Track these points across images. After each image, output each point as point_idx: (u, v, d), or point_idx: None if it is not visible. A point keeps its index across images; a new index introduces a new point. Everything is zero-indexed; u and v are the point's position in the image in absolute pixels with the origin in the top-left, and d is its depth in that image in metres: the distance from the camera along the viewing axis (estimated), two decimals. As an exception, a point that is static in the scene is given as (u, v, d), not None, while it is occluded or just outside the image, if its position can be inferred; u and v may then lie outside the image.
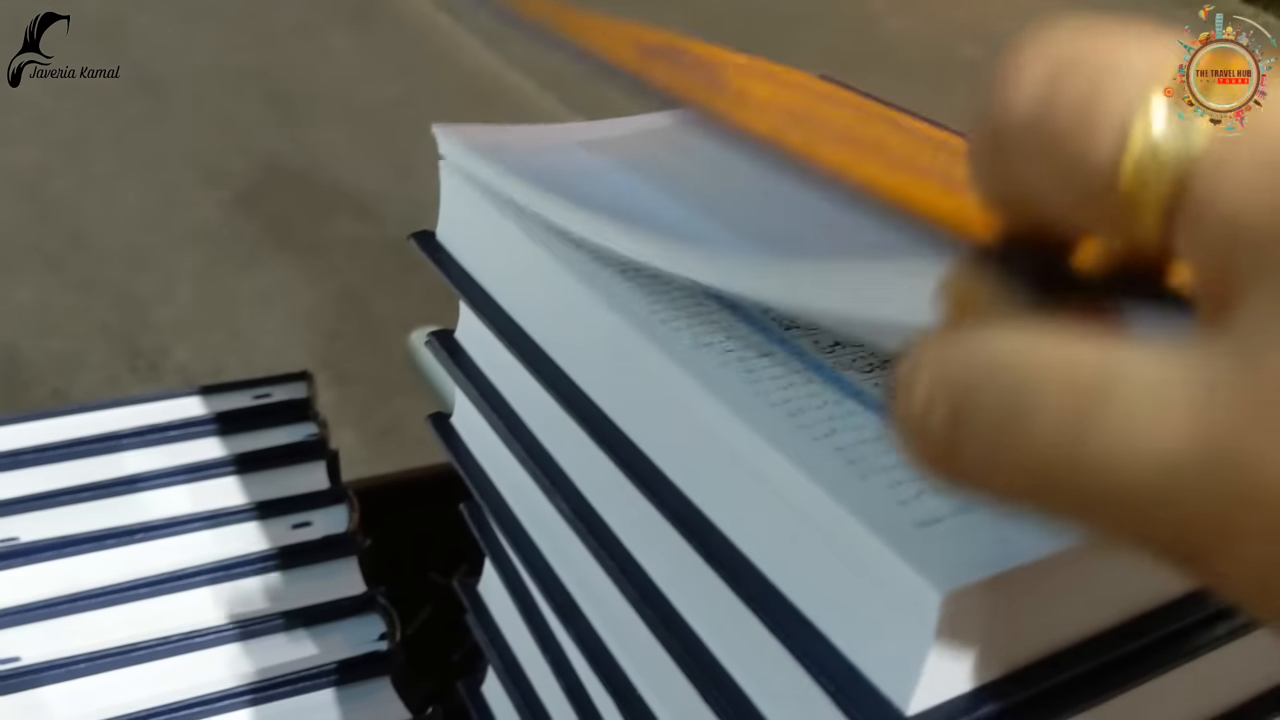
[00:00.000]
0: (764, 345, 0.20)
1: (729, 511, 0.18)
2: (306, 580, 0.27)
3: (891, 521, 0.15)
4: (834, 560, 0.16)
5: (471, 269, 0.24)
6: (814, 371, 0.19)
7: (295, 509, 0.28)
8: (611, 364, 0.21)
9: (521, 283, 0.23)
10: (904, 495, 0.16)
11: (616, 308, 0.21)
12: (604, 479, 0.20)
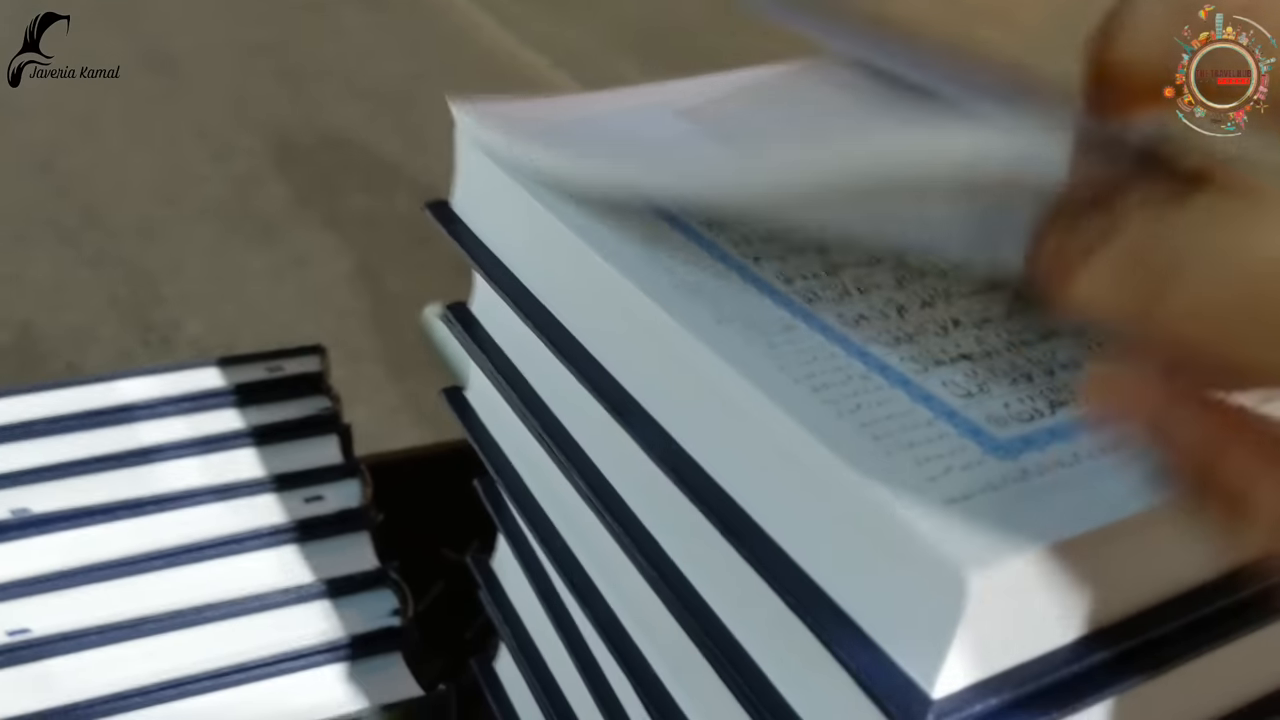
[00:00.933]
0: (787, 319, 0.19)
1: (751, 489, 0.17)
2: (319, 555, 0.27)
3: (918, 498, 0.15)
4: (859, 538, 0.16)
5: (486, 239, 0.24)
6: (839, 346, 0.18)
7: (308, 483, 0.28)
8: (629, 338, 0.20)
9: (536, 254, 0.23)
10: (932, 472, 0.15)
11: (634, 279, 0.20)
12: (622, 455, 0.20)
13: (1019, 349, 0.18)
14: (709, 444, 0.18)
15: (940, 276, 0.20)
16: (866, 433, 0.16)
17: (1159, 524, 0.15)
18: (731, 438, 0.18)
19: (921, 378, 0.18)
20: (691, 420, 0.19)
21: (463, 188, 0.25)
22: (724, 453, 0.18)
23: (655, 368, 0.20)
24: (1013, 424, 0.16)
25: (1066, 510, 0.15)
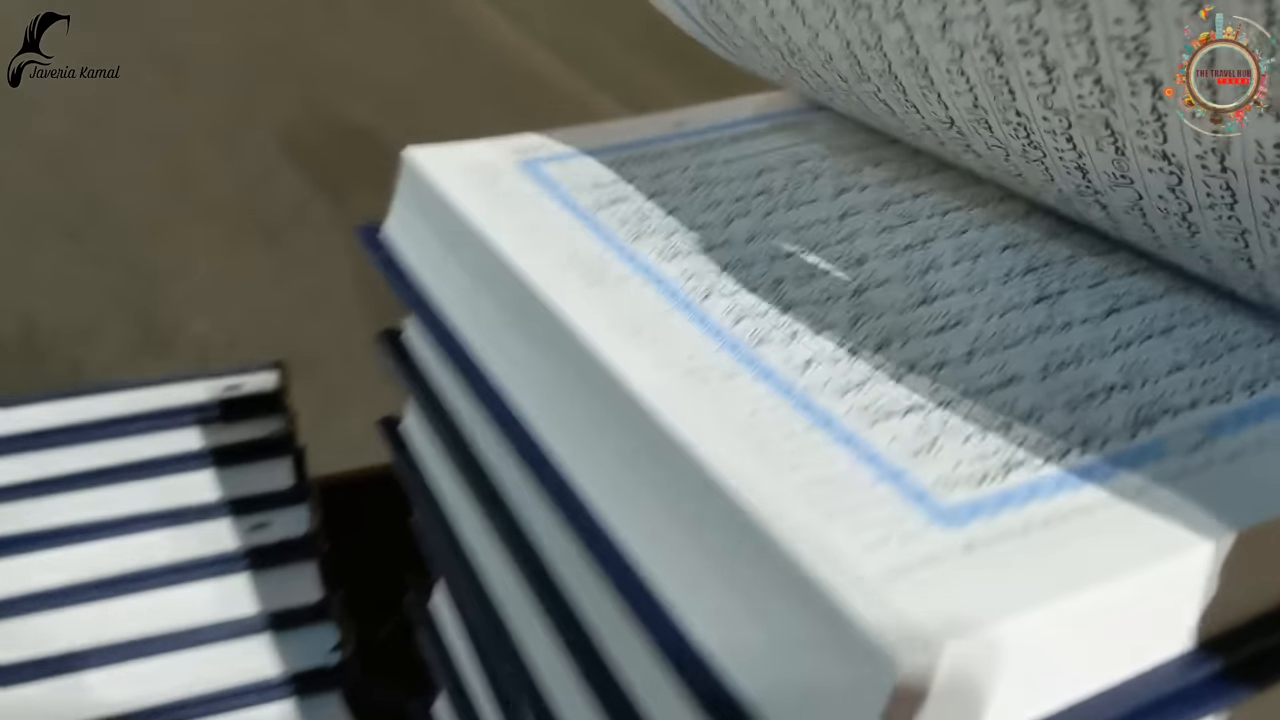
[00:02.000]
0: (730, 365, 0.18)
1: (671, 560, 0.16)
2: (261, 586, 0.26)
3: (850, 572, 0.14)
4: (785, 613, 0.14)
5: (415, 269, 0.23)
6: (783, 395, 0.17)
7: (255, 509, 0.27)
8: (557, 381, 0.19)
9: (468, 288, 0.22)
10: (869, 541, 0.14)
11: (570, 317, 0.19)
12: (545, 513, 0.19)
13: (974, 396, 0.17)
14: (627, 503, 0.17)
15: (898, 314, 0.19)
16: (803, 496, 0.15)
17: (1110, 608, 0.14)
18: (653, 497, 0.17)
19: (868, 432, 0.16)
20: (611, 473, 0.17)
21: (397, 216, 0.24)
22: (642, 516, 0.17)
23: (585, 417, 0.18)
24: (961, 487, 0.15)
25: (1008, 590, 0.14)
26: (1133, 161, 0.17)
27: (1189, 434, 0.16)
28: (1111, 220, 0.19)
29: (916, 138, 0.23)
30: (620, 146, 0.26)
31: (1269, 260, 0.16)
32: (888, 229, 0.22)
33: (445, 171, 0.24)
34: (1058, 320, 0.19)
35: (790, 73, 0.24)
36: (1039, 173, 0.19)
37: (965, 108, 0.19)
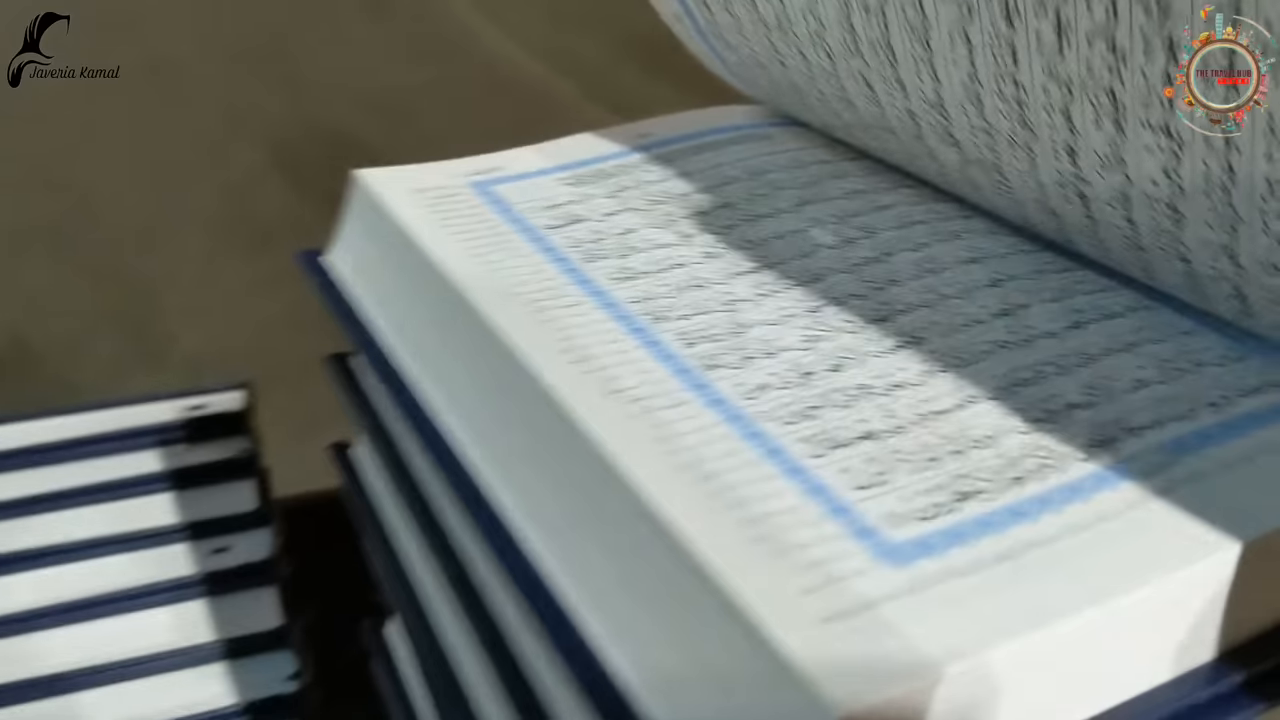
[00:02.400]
0: (680, 392, 0.17)
1: (610, 597, 0.15)
2: (220, 612, 0.25)
3: (789, 615, 0.13)
4: (721, 659, 0.14)
5: (357, 294, 0.22)
6: (732, 424, 0.17)
7: (216, 532, 0.27)
8: (502, 412, 0.18)
9: (413, 317, 0.21)
10: (811, 582, 0.14)
11: (519, 344, 0.18)
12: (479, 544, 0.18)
13: (929, 420, 0.16)
14: (563, 535, 0.16)
15: (855, 332, 0.19)
16: (745, 533, 0.15)
17: (1052, 653, 0.13)
18: (589, 530, 0.16)
19: (817, 463, 0.16)
20: (549, 504, 0.17)
21: (344, 240, 0.24)
22: (577, 549, 0.16)
23: (527, 447, 0.18)
24: (910, 523, 0.15)
25: (951, 636, 0.13)
26: (1131, 139, 0.16)
27: (1151, 455, 0.16)
28: (1085, 218, 0.19)
29: (887, 135, 0.22)
30: (581, 162, 0.25)
31: (1256, 253, 0.16)
32: (849, 242, 0.21)
33: (395, 194, 0.23)
34: (1019, 335, 0.18)
35: (771, 59, 0.24)
36: (1021, 161, 0.19)
37: (959, 82, 0.19)
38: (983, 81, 0.18)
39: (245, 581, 0.26)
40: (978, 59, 0.18)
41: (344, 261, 0.24)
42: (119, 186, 1.11)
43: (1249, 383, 0.17)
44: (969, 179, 0.21)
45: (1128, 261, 0.19)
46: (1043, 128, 0.18)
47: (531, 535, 0.16)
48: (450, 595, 0.17)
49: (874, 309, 0.19)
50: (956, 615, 0.13)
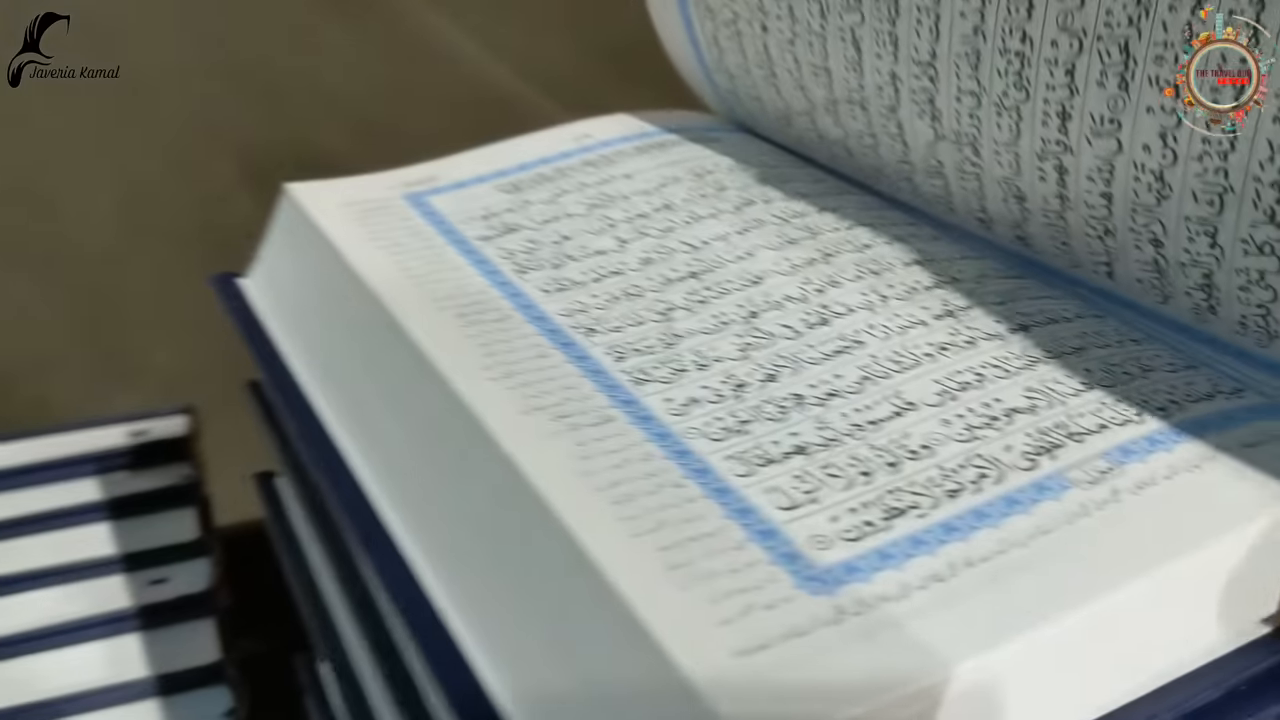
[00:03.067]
0: (606, 409, 0.17)
1: (505, 630, 0.14)
2: (155, 646, 0.24)
3: (701, 649, 0.12)
4: (629, 693, 0.13)
5: (271, 316, 0.21)
6: (658, 442, 0.16)
7: (155, 563, 0.26)
8: (417, 437, 0.17)
9: (330, 337, 0.20)
10: (727, 613, 0.13)
11: (439, 358, 0.17)
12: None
13: (864, 431, 0.16)
14: (472, 561, 0.15)
15: (792, 338, 0.18)
16: (663, 560, 0.14)
17: (986, 685, 0.12)
18: (504, 557, 0.15)
19: (744, 482, 0.15)
20: (459, 527, 0.16)
21: (266, 259, 0.23)
22: (482, 576, 0.15)
23: (443, 470, 0.17)
24: (838, 545, 0.14)
25: (875, 668, 0.12)
26: (1134, 98, 0.16)
27: (1093, 463, 0.15)
28: (1056, 198, 0.18)
29: (857, 112, 0.21)
30: (520, 166, 0.24)
31: (1240, 229, 0.15)
32: (791, 242, 0.20)
33: (324, 208, 0.23)
34: (961, 337, 0.17)
35: (754, 13, 0.23)
36: (1004, 130, 0.18)
37: (961, 36, 0.18)
38: (987, 34, 0.18)
39: (182, 614, 0.25)
40: (989, 9, 0.17)
41: (264, 281, 0.23)
42: (93, 203, 1.09)
43: (1200, 389, 0.16)
44: (931, 165, 0.20)
45: (1087, 254, 0.18)
46: (1039, 88, 0.17)
47: (435, 560, 0.15)
48: (359, 629, 0.16)
49: (813, 312, 0.18)
50: (878, 648, 0.12)
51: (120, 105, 1.22)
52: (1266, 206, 0.15)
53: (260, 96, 1.24)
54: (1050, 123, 0.18)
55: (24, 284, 1.02)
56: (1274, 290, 0.16)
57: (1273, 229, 0.15)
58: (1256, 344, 0.16)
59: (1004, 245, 0.20)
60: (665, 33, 0.27)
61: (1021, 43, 0.17)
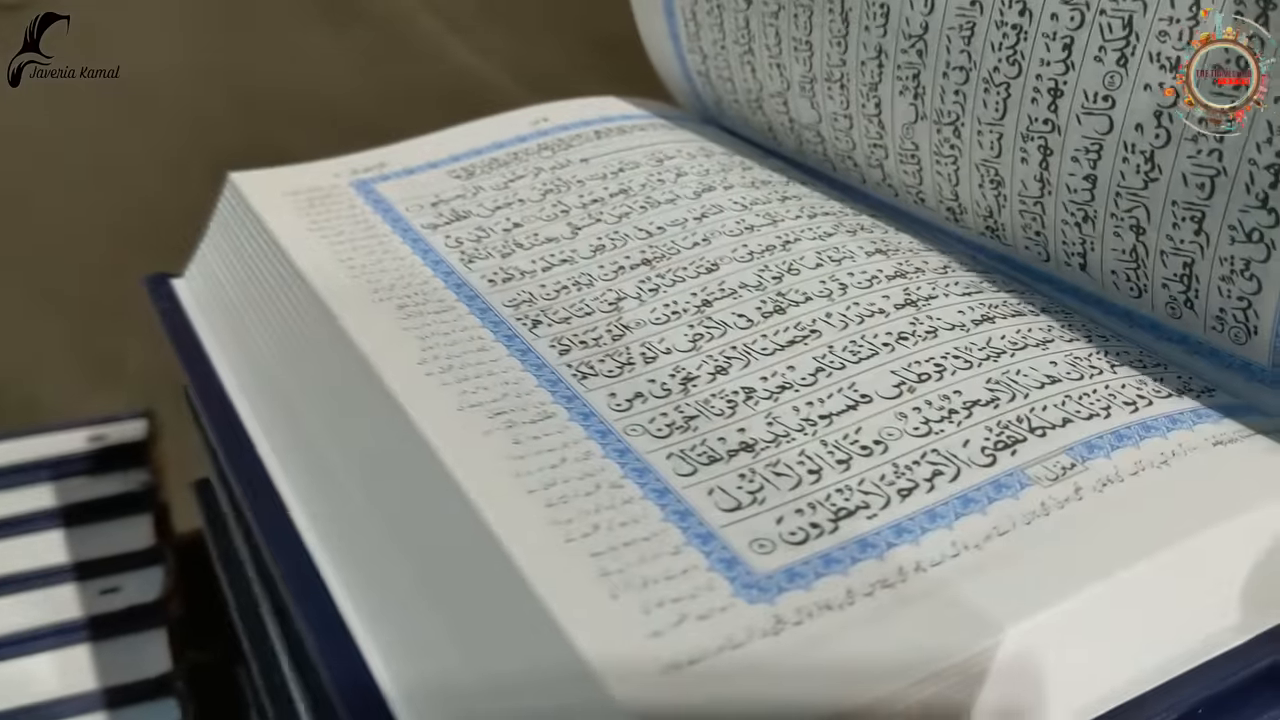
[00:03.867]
0: (546, 405, 0.16)
1: (426, 636, 0.13)
2: (106, 656, 0.23)
3: (631, 662, 0.12)
4: (546, 706, 0.12)
5: (203, 319, 0.20)
6: (597, 440, 0.15)
7: (107, 571, 0.25)
8: (348, 438, 0.16)
9: (264, 340, 0.19)
10: (660, 624, 0.12)
11: (376, 354, 0.16)
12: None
13: (814, 426, 0.15)
14: (397, 566, 0.14)
15: (745, 329, 0.17)
16: (594, 566, 0.13)
17: (952, 690, 0.12)
18: (430, 561, 0.14)
19: (686, 482, 0.14)
20: (384, 531, 0.15)
21: (204, 253, 0.22)
22: (407, 580, 0.14)
23: (375, 467, 0.16)
24: (780, 549, 0.13)
25: (813, 685, 0.11)
26: (1132, 74, 0.15)
27: (1056, 458, 0.14)
28: (1037, 180, 0.17)
29: (835, 90, 0.20)
30: (474, 151, 0.23)
31: (1230, 214, 0.14)
32: (750, 229, 0.20)
33: (267, 197, 0.22)
34: (922, 327, 0.16)
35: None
36: (990, 106, 0.17)
37: (959, 7, 0.17)
38: (985, 5, 0.17)
39: (133, 624, 0.24)
40: None
41: (200, 279, 0.22)
42: (78, 209, 1.09)
43: (1171, 385, 0.15)
44: (907, 148, 0.19)
45: (1061, 243, 0.18)
46: (1033, 63, 0.17)
47: (355, 568, 0.15)
48: (282, 641, 0.15)
49: (768, 301, 0.17)
50: (816, 662, 0.11)
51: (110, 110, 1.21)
52: (1260, 191, 0.14)
53: (245, 104, 1.23)
54: (1040, 100, 0.17)
55: (14, 288, 1.01)
56: (1258, 281, 0.15)
57: (1264, 214, 0.14)
58: (1233, 340, 0.15)
59: (972, 239, 0.20)
60: (640, 9, 0.26)
61: (1020, 15, 0.17)
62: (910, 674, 0.11)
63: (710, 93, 0.25)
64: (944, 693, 0.11)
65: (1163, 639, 0.13)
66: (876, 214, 0.21)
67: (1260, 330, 0.15)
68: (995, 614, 0.12)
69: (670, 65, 0.26)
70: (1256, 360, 0.15)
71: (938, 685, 0.11)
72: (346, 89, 1.23)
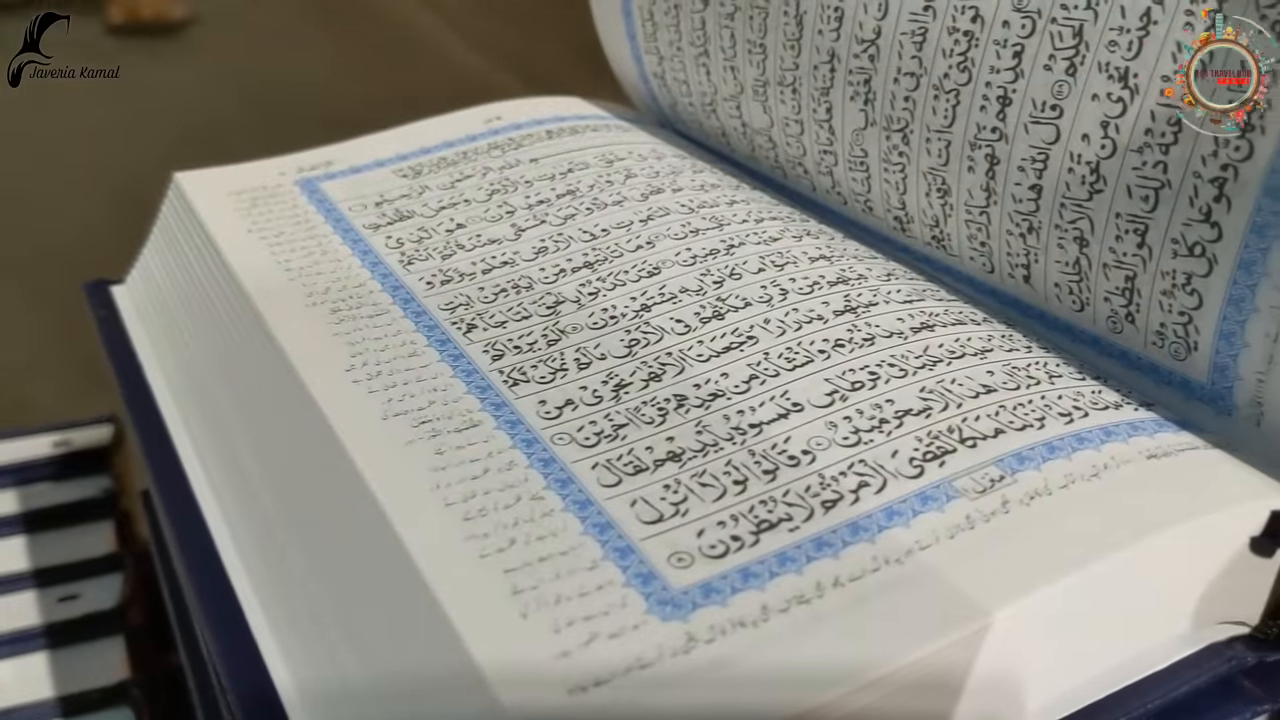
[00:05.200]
0: (473, 412, 0.15)
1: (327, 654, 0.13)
2: (63, 665, 0.23)
3: (536, 687, 0.11)
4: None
5: (139, 327, 0.20)
6: (523, 450, 0.15)
7: (67, 578, 0.25)
8: (272, 447, 0.16)
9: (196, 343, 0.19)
10: (568, 643, 0.12)
11: (302, 362, 0.16)
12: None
13: (745, 435, 0.14)
14: (302, 574, 0.14)
15: (681, 334, 0.16)
16: (507, 583, 0.12)
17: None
18: (338, 573, 0.14)
19: (608, 494, 0.14)
20: (295, 537, 0.14)
21: (144, 260, 0.22)
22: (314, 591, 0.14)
23: (293, 477, 0.15)
24: (699, 563, 0.12)
25: (720, 707, 0.11)
26: (1081, 84, 0.15)
27: (985, 470, 0.13)
28: (983, 190, 0.17)
29: (787, 95, 0.20)
30: (422, 150, 0.23)
31: (1172, 227, 0.14)
32: (695, 232, 0.19)
33: (213, 197, 0.21)
34: (860, 334, 0.16)
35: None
36: (939, 114, 0.17)
37: (912, 12, 0.17)
38: (938, 11, 0.17)
39: (91, 631, 0.24)
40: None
41: (141, 284, 0.22)
42: (75, 211, 1.09)
43: (1108, 398, 0.15)
44: (855, 155, 0.19)
45: (1006, 254, 0.17)
46: (983, 70, 0.16)
47: (269, 577, 0.14)
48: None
49: (707, 306, 0.17)
50: (725, 682, 0.11)
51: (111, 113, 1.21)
52: (1203, 205, 0.14)
53: (245, 106, 1.23)
54: (989, 108, 0.16)
55: (9, 289, 1.01)
56: (1199, 296, 0.14)
57: (1206, 228, 0.14)
58: (1173, 356, 0.15)
59: (919, 250, 0.19)
60: (599, 5, 0.25)
61: (973, 22, 0.16)
62: (822, 693, 0.11)
63: (666, 95, 0.25)
64: (859, 713, 0.11)
65: (1093, 655, 0.13)
66: (825, 219, 0.20)
67: (1200, 346, 0.14)
68: (911, 632, 0.11)
69: (627, 66, 0.25)
70: (1195, 377, 0.15)
71: (851, 705, 0.11)
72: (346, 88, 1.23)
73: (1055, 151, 0.16)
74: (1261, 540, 0.13)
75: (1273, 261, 0.13)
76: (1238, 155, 0.13)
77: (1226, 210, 0.13)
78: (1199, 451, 0.14)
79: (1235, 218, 0.13)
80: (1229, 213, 0.13)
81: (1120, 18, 0.14)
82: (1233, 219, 0.13)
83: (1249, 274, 0.13)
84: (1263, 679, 0.14)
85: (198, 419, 0.17)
